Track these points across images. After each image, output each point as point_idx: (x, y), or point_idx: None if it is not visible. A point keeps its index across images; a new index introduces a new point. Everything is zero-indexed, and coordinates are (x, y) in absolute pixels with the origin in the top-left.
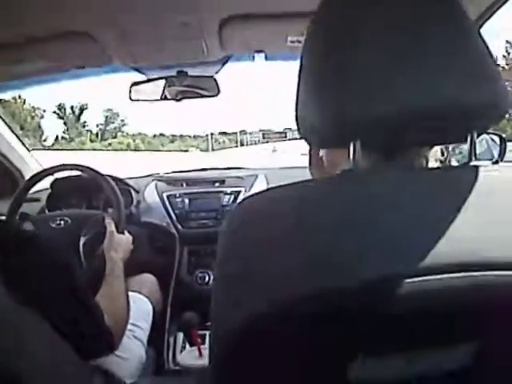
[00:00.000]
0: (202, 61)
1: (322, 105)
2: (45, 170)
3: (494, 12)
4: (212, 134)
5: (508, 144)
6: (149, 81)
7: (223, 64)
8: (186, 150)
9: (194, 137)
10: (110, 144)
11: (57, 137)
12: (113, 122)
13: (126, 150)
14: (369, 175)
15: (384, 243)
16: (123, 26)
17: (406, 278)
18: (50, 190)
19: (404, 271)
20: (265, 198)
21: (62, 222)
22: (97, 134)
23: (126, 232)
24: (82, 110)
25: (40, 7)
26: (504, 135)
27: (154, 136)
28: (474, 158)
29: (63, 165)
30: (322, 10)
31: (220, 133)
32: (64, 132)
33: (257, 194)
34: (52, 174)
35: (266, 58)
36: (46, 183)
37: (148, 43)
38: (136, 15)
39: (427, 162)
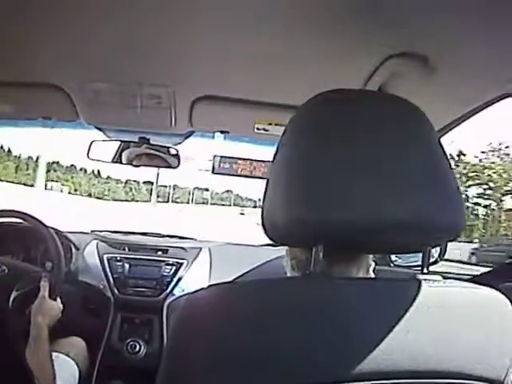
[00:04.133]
0: (167, 132)
1: (289, 206)
2: None
3: (456, 126)
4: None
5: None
6: (109, 141)
7: (186, 138)
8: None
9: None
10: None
11: None
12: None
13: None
14: (323, 283)
15: (325, 347)
16: (96, 86)
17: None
18: None
19: (345, 378)
20: (218, 295)
21: None
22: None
23: (58, 299)
24: None
25: (19, 55)
26: None
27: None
28: (426, 271)
29: (7, 210)
30: (297, 117)
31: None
32: None
33: (210, 287)
34: None
35: (225, 138)
36: None
37: (117, 107)
38: (109, 78)
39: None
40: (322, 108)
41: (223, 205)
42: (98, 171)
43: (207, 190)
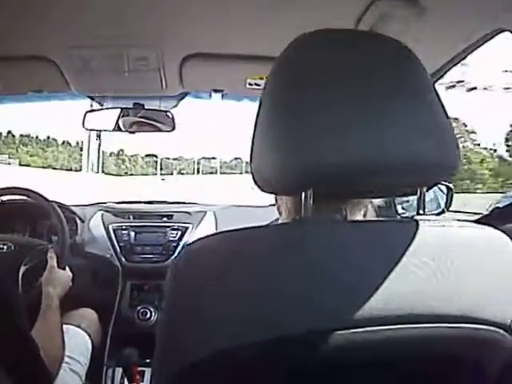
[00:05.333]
0: (159, 95)
1: (276, 154)
2: None
3: (450, 69)
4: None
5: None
6: (104, 110)
7: (180, 100)
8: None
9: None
10: None
11: None
12: None
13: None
14: (315, 229)
15: (322, 296)
16: (83, 53)
17: (344, 330)
18: None
19: (342, 324)
20: (211, 243)
21: (5, 247)
22: None
23: (67, 268)
24: None
25: (6, 29)
26: (451, 185)
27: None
28: (422, 212)
29: (10, 188)
30: (282, 61)
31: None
32: None
33: (205, 237)
34: None
35: (223, 97)
36: None
37: (107, 73)
38: (96, 45)
39: (376, 210)
40: (306, 50)
41: (233, 173)
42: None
43: (214, 158)
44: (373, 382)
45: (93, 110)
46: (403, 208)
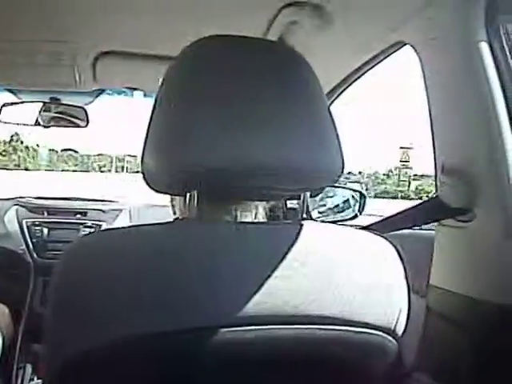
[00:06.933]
0: (74, 90)
1: (161, 153)
2: None
3: (346, 88)
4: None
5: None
6: (21, 103)
7: (96, 96)
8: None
9: None
10: None
11: None
12: None
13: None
14: (195, 228)
15: (203, 294)
16: None
17: (220, 328)
18: None
19: (217, 322)
20: (98, 239)
21: None
22: None
23: None
24: None
25: None
26: (364, 192)
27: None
28: (305, 216)
29: None
30: (176, 62)
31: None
32: None
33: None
34: None
35: (145, 95)
36: None
37: (21, 66)
38: (8, 37)
39: (267, 212)
40: (200, 54)
41: None
42: None
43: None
44: (246, 381)
45: (9, 104)
46: (320, 212)
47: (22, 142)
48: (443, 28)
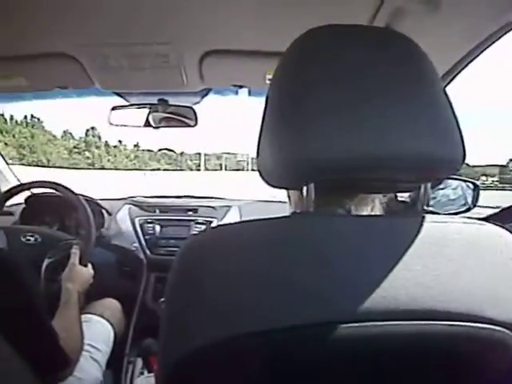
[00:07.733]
0: (181, 91)
1: (279, 147)
2: (21, 185)
3: (460, 71)
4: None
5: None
6: (130, 106)
7: (203, 96)
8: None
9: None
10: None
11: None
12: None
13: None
14: (315, 222)
15: (326, 288)
16: (104, 51)
17: (342, 324)
18: (24, 205)
19: (340, 317)
20: (215, 236)
21: (32, 239)
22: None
23: (89, 265)
24: None
25: (30, 27)
26: (477, 182)
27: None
28: (426, 207)
29: (40, 181)
30: (287, 56)
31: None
32: None
33: (206, 230)
34: (28, 189)
35: (250, 94)
36: (21, 198)
37: (128, 70)
38: (115, 42)
39: (388, 205)
40: (311, 46)
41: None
42: None
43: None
44: (371, 376)
45: (118, 107)
46: (428, 205)
47: (99, 138)
48: None
